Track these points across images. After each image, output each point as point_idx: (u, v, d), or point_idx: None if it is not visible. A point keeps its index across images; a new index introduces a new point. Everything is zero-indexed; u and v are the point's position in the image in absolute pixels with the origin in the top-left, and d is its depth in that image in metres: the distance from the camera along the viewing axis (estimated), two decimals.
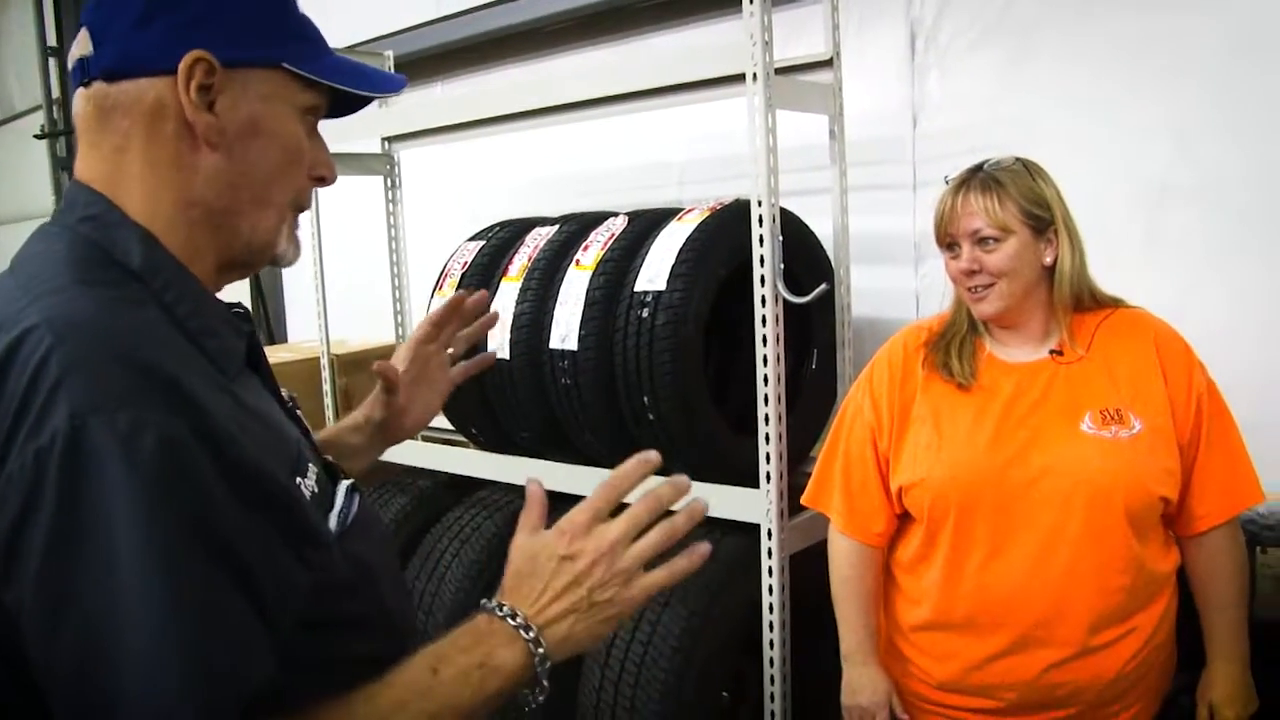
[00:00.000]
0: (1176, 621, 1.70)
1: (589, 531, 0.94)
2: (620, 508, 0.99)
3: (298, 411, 1.08)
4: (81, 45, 0.94)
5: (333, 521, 0.95)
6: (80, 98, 0.94)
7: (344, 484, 0.99)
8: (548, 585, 0.93)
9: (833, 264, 2.42)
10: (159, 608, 0.75)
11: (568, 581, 0.93)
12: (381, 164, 3.31)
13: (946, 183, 1.69)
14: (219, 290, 1.00)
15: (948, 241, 1.67)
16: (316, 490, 0.93)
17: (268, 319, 4.96)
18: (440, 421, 2.99)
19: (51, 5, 6.05)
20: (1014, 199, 1.61)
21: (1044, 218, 1.63)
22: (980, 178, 1.63)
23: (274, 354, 3.69)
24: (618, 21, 3.41)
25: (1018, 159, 1.66)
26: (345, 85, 1.01)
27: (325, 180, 1.04)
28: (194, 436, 0.78)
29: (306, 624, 0.88)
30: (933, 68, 2.68)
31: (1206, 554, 1.65)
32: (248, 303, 4.97)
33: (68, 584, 0.75)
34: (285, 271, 4.95)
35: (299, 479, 0.91)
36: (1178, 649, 1.72)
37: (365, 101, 1.08)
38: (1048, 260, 1.65)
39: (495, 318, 1.46)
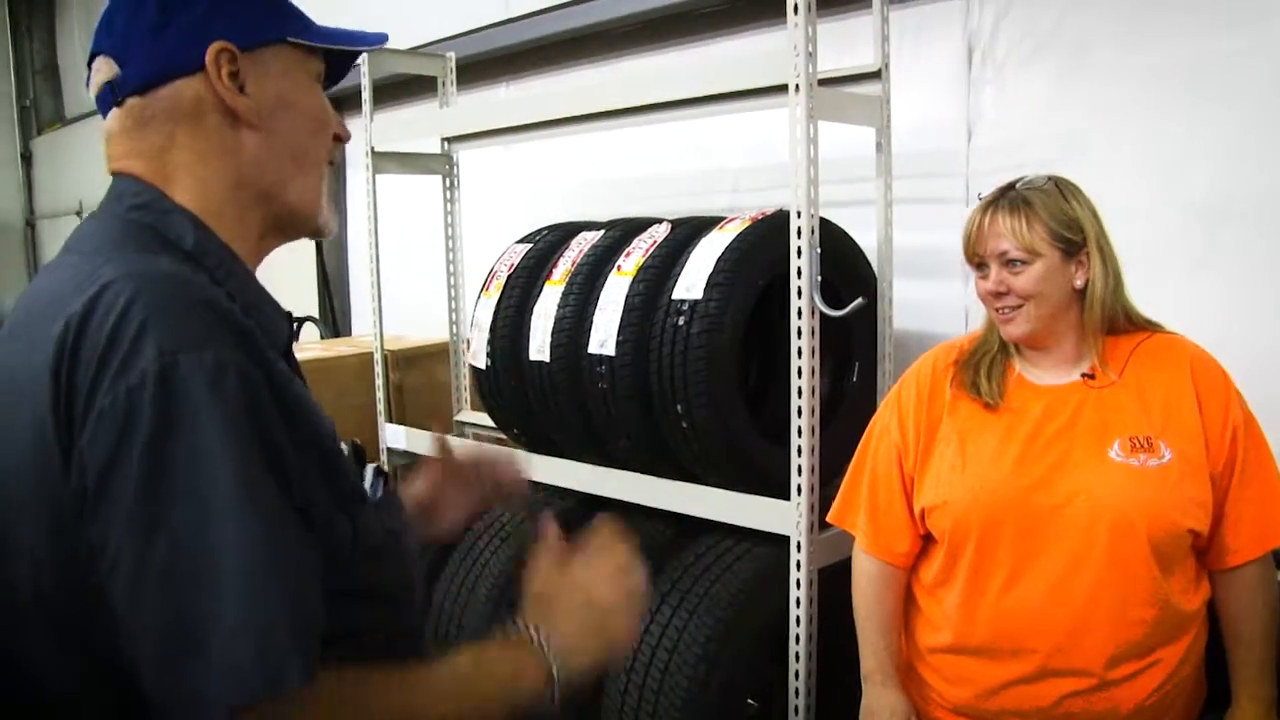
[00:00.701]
0: (1207, 658, 1.65)
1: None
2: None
3: None
4: (103, 71, 1.00)
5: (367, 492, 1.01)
6: (114, 117, 1.01)
7: (371, 466, 1.06)
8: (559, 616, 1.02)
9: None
10: (257, 534, 0.79)
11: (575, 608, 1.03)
12: (441, 164, 3.37)
13: (979, 200, 1.66)
14: (260, 262, 1.07)
15: (976, 261, 1.65)
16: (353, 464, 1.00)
17: (334, 314, 5.07)
18: (487, 419, 3.04)
19: None
20: (1043, 221, 1.57)
21: (1075, 240, 1.59)
22: (1009, 198, 1.60)
23: (333, 347, 3.77)
24: (682, 27, 3.42)
25: (1051, 178, 1.62)
26: (342, 44, 1.08)
27: (342, 138, 1.11)
28: (266, 379, 0.85)
29: (338, 591, 0.92)
30: (989, 81, 2.64)
31: (1237, 590, 1.60)
32: (315, 297, 5.12)
33: (165, 509, 0.78)
34: (351, 267, 5.07)
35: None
36: (1208, 686, 1.67)
37: (346, 69, 1.16)
38: (1078, 283, 1.61)
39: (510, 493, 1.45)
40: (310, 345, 4.07)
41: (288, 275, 5.31)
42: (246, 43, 0.99)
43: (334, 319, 5.06)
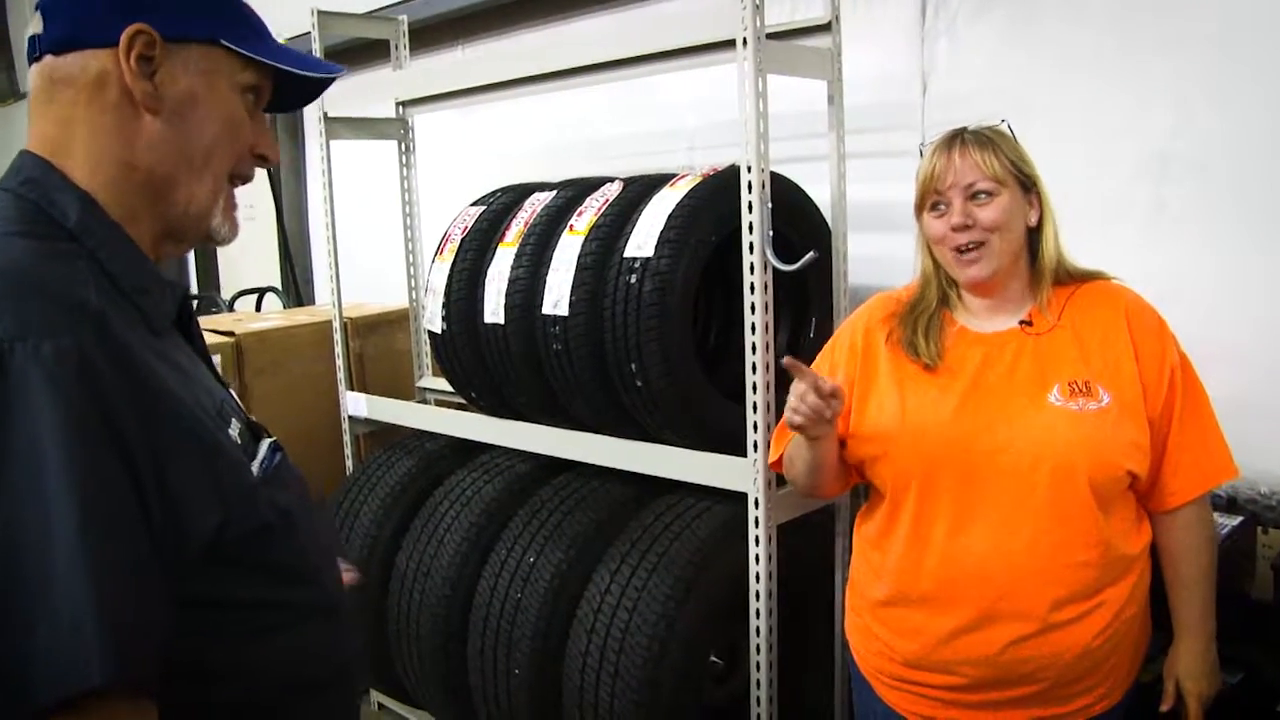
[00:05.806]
0: (1154, 602, 1.67)
1: None
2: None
3: (229, 389, 1.13)
4: (34, 25, 1.01)
5: (255, 468, 1.01)
6: (32, 73, 1.01)
7: (267, 441, 1.06)
8: None
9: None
10: (82, 526, 0.78)
11: None
12: (396, 129, 3.32)
13: (921, 152, 1.66)
14: (160, 259, 1.06)
15: (934, 201, 1.64)
16: (239, 441, 1.00)
17: (296, 283, 5.02)
18: (447, 385, 3.02)
19: None
20: (1006, 154, 1.60)
21: (1030, 175, 1.62)
22: (973, 133, 1.62)
23: (293, 317, 3.73)
24: None
25: (1001, 122, 1.65)
26: (281, 64, 1.06)
27: (267, 159, 1.11)
28: (113, 366, 0.84)
29: (236, 563, 0.94)
30: (942, 33, 2.62)
31: (1177, 531, 1.62)
32: (276, 267, 5.07)
33: None
34: (312, 236, 5.01)
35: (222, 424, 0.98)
36: (1155, 630, 1.69)
37: (312, 97, 1.18)
38: (1033, 220, 1.63)
39: None
40: (272, 315, 4.03)
41: (251, 244, 5.25)
42: (172, 33, 0.99)
43: (296, 288, 5.01)
